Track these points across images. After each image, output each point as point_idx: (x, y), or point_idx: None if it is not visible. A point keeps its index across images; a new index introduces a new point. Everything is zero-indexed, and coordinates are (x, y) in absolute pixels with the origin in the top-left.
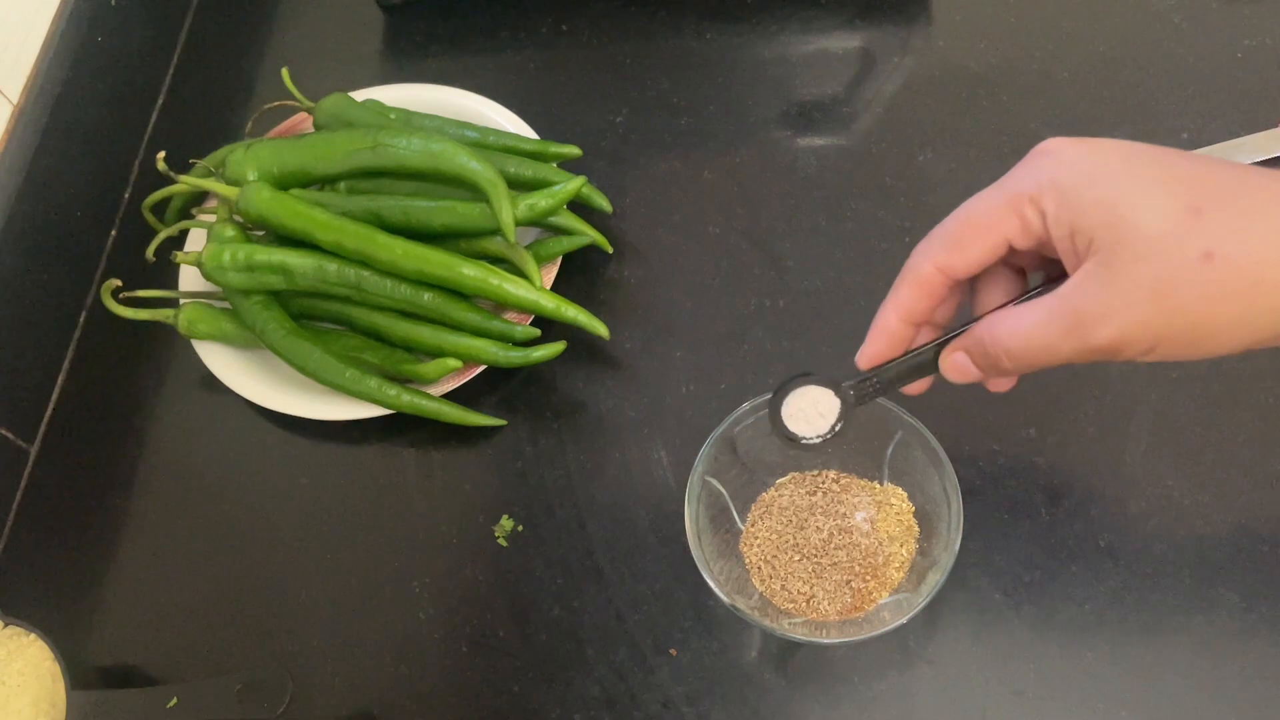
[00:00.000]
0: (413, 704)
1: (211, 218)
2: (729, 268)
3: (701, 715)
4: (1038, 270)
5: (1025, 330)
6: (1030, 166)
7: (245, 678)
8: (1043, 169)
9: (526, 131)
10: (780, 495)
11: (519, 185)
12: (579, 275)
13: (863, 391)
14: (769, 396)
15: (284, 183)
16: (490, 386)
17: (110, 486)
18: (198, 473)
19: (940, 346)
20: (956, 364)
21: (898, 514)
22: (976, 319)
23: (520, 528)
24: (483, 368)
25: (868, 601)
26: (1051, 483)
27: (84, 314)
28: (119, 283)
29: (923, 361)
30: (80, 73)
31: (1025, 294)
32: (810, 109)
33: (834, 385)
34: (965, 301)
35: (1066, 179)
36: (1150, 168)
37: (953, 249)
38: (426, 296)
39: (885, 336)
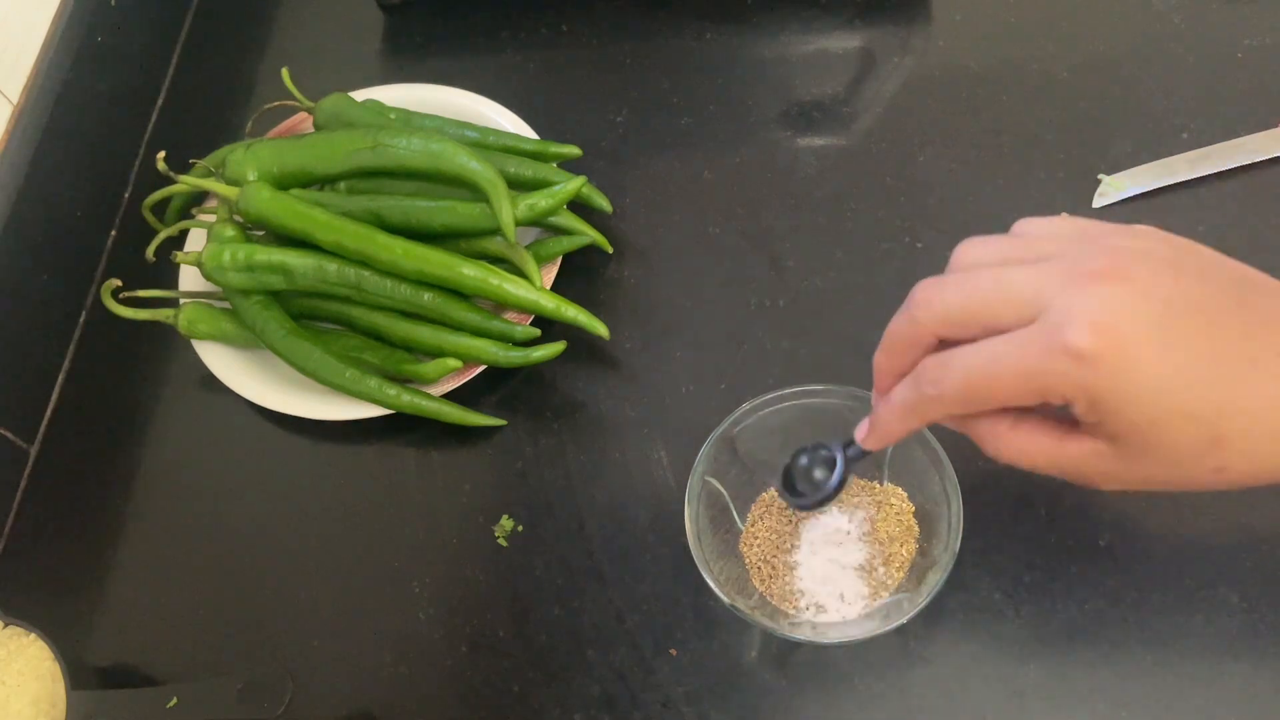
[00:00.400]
0: (413, 704)
1: (211, 218)
2: (729, 268)
3: (701, 715)
4: None
5: (1028, 452)
6: (1067, 365)
7: (245, 678)
8: (1081, 375)
9: (526, 131)
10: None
11: (519, 185)
12: (579, 275)
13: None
14: (769, 397)
15: (284, 183)
16: (490, 386)
17: (110, 487)
18: (198, 473)
19: None
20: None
21: (898, 514)
22: None
23: (520, 528)
24: (483, 368)
25: (868, 601)
26: (1051, 483)
27: (84, 314)
28: (119, 283)
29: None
30: (80, 73)
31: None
32: (810, 109)
33: (837, 449)
34: None
35: (1105, 393)
36: (1183, 393)
37: (966, 406)
38: (426, 296)
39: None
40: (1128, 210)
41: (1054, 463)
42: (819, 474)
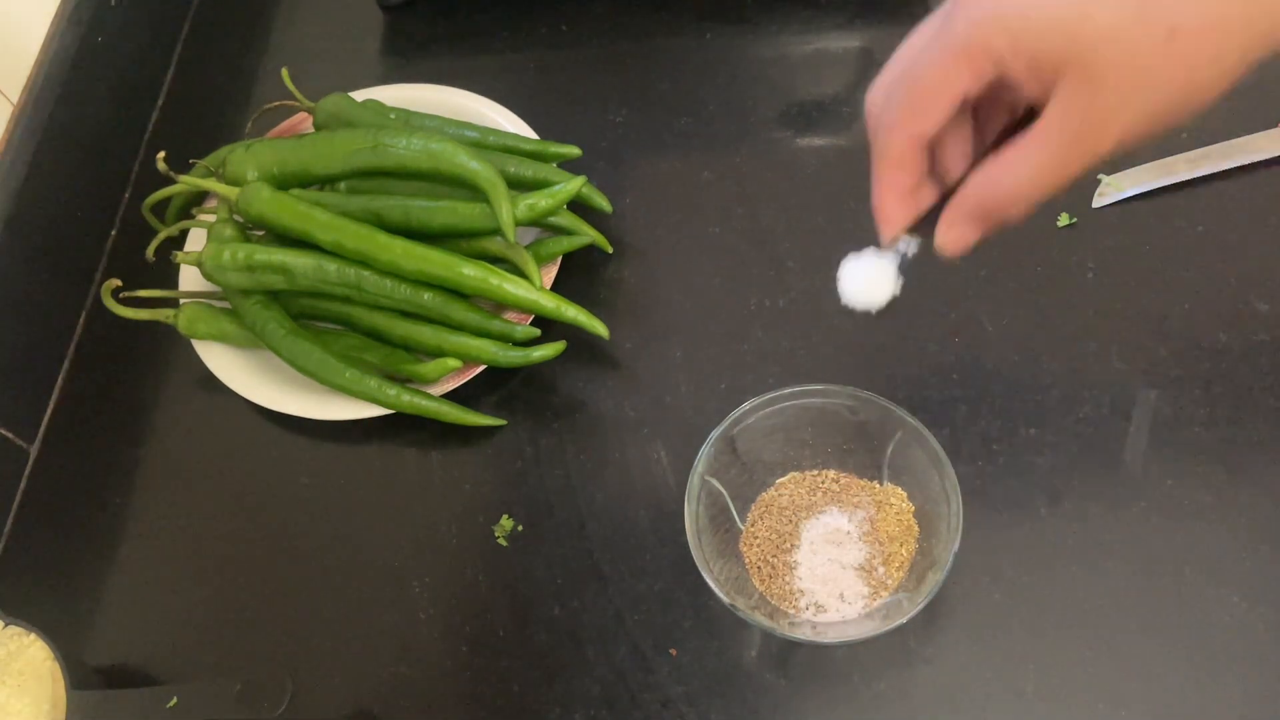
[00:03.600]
0: (413, 704)
1: (211, 218)
2: (729, 268)
3: (701, 715)
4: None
5: (1030, 171)
6: (965, 15)
7: (245, 678)
8: (981, 13)
9: (526, 131)
10: (780, 495)
11: (519, 185)
12: (579, 275)
13: (904, 257)
14: (769, 397)
15: (284, 183)
16: (490, 386)
17: (110, 486)
18: (198, 473)
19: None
20: (958, 239)
21: (898, 514)
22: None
23: (520, 528)
24: (483, 368)
25: (868, 601)
26: (1051, 483)
27: (84, 314)
28: (119, 283)
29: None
30: (80, 73)
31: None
32: (810, 109)
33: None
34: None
35: (1009, 14)
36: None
37: (917, 116)
38: (426, 296)
39: (892, 220)
40: (1127, 210)
41: (1053, 148)
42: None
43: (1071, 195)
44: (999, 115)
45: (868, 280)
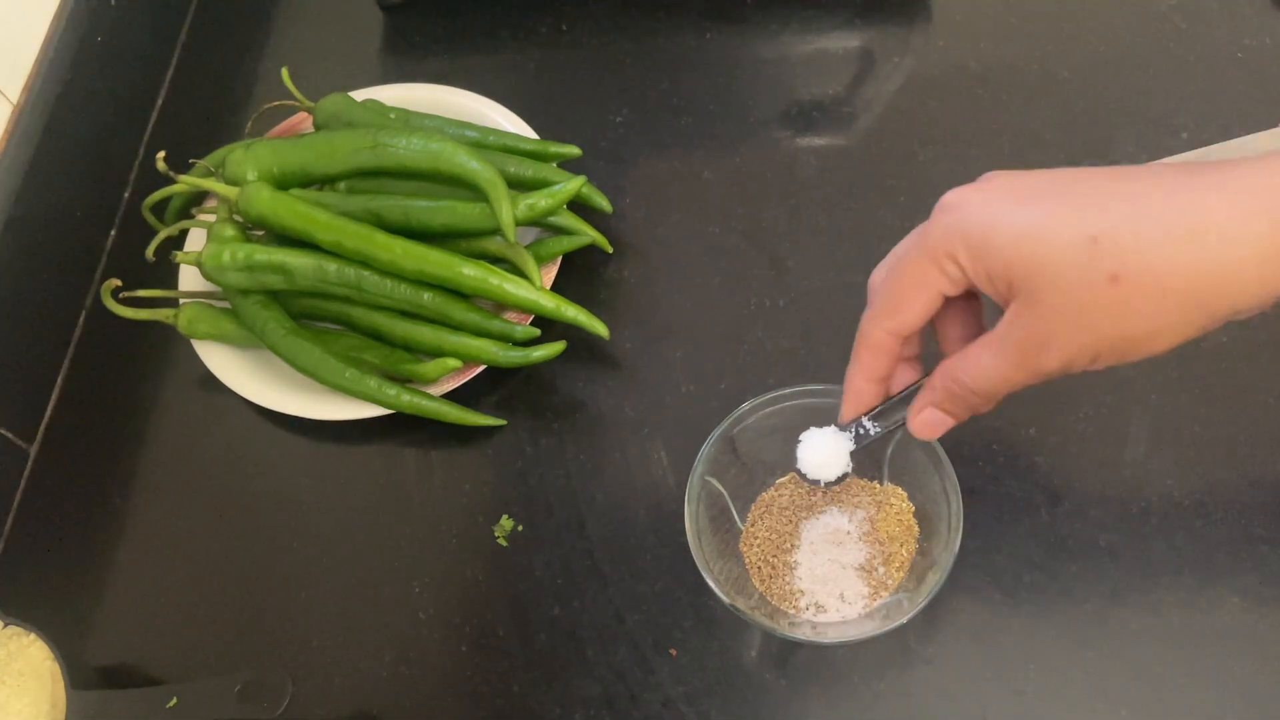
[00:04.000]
0: (413, 704)
1: (211, 218)
2: (729, 268)
3: (701, 715)
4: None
5: (983, 370)
6: (939, 223)
7: (245, 678)
8: (950, 224)
9: (526, 131)
10: (780, 495)
11: (519, 185)
12: (579, 275)
13: (861, 438)
14: (769, 397)
15: (284, 183)
16: (490, 386)
17: (110, 486)
18: (198, 473)
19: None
20: (927, 421)
21: (898, 514)
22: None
23: (520, 528)
24: (483, 368)
25: (868, 601)
26: (1051, 483)
27: (84, 314)
28: (119, 283)
29: (907, 396)
30: (80, 73)
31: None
32: (810, 109)
33: (845, 430)
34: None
35: (973, 230)
36: (1045, 201)
37: (893, 313)
38: (426, 296)
39: (858, 399)
40: None
41: (1002, 354)
42: (834, 450)
43: None
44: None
45: (825, 455)
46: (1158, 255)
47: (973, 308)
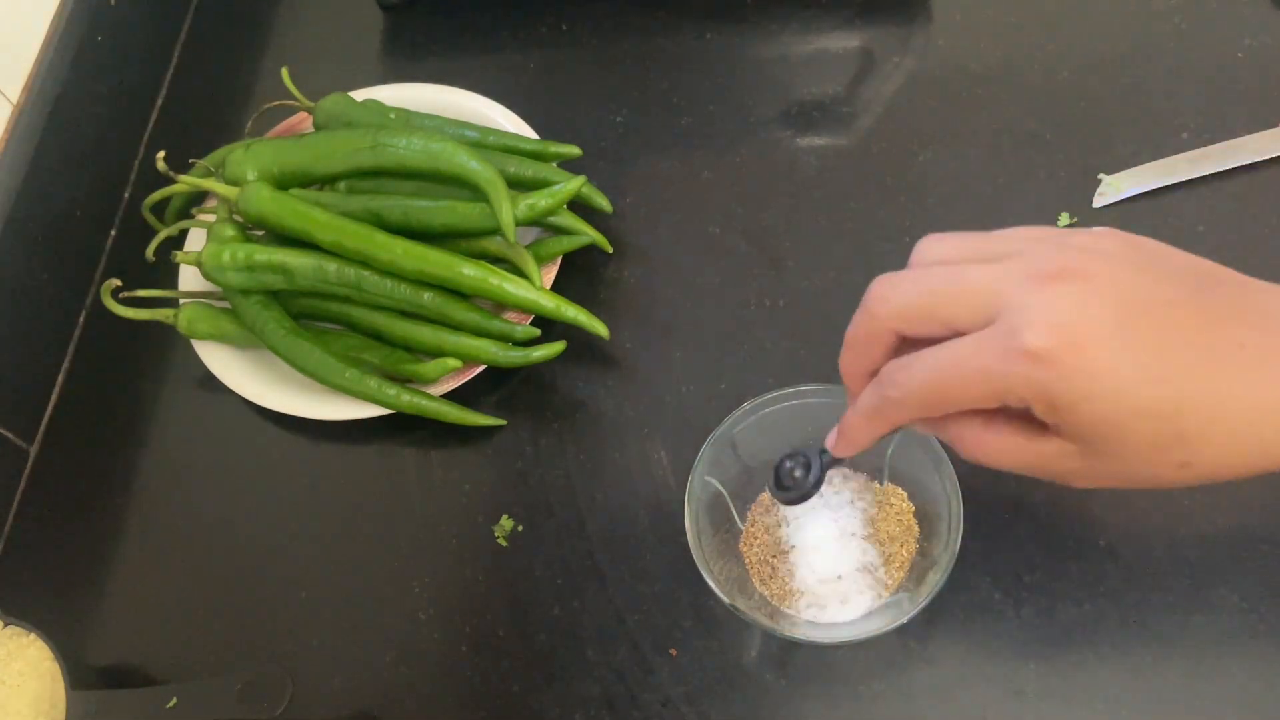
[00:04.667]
0: (413, 704)
1: (211, 218)
2: (729, 268)
3: (701, 715)
4: None
5: (998, 453)
6: (1025, 367)
7: (245, 678)
8: (1038, 377)
9: (526, 131)
10: None
11: (519, 185)
12: (579, 275)
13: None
14: (769, 397)
15: (284, 183)
16: (490, 386)
17: (110, 486)
18: (198, 473)
19: None
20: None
21: (898, 514)
22: None
23: (520, 528)
24: (483, 368)
25: (868, 601)
26: (1051, 483)
27: (84, 314)
28: (119, 283)
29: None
30: (80, 73)
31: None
32: (810, 109)
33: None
34: None
35: (1062, 395)
36: (1141, 390)
37: (926, 410)
38: (426, 296)
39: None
40: (1128, 210)
41: (1023, 462)
42: (799, 474)
43: (1072, 195)
44: None
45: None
46: (1233, 452)
47: None
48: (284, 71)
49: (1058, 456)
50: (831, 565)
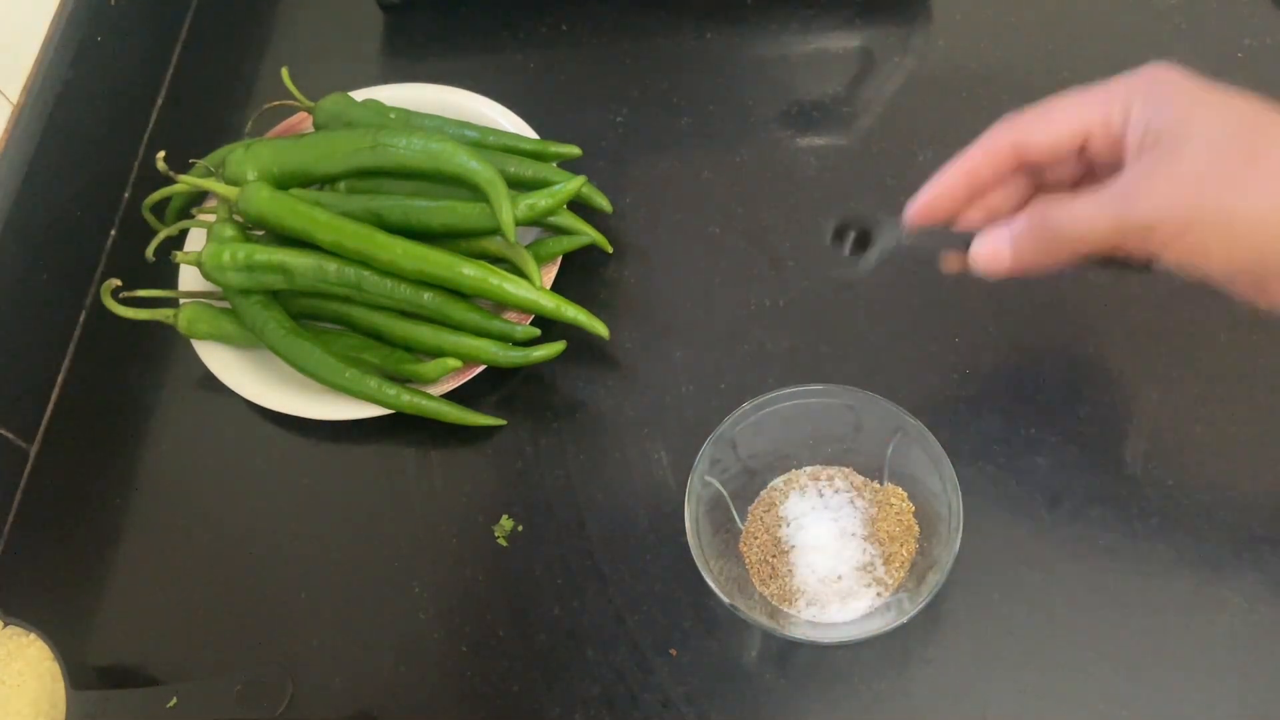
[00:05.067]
0: (413, 704)
1: (211, 218)
2: (729, 268)
3: (701, 715)
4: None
5: (1075, 210)
6: (1131, 77)
7: (245, 678)
8: (1141, 80)
9: (526, 131)
10: (780, 495)
11: (519, 185)
12: (579, 275)
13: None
14: (769, 397)
15: (284, 183)
16: (490, 386)
17: (110, 487)
18: (198, 473)
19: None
20: (994, 246)
21: (898, 514)
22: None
23: (520, 528)
24: (483, 368)
25: (868, 601)
26: (1051, 483)
27: (84, 314)
28: (119, 282)
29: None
30: (80, 73)
31: None
32: (810, 109)
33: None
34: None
35: (1159, 92)
36: (1230, 116)
37: (1036, 123)
38: (426, 296)
39: (942, 188)
40: None
41: (1103, 196)
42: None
43: None
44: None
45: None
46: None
47: (1023, 188)
48: (284, 71)
49: (1139, 173)
50: (831, 565)
